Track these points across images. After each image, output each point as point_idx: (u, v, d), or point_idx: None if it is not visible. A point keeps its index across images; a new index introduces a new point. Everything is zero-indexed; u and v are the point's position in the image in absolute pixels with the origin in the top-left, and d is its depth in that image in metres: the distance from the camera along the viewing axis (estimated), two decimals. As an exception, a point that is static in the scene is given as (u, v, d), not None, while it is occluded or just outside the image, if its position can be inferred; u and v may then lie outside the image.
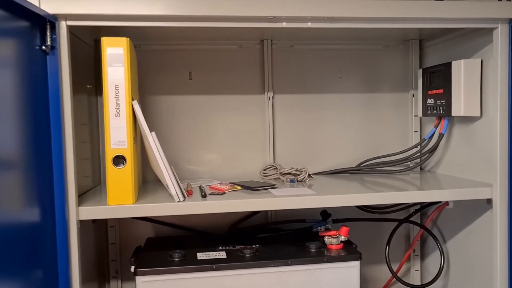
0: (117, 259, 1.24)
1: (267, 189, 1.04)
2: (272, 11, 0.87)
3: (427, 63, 1.29)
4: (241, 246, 1.07)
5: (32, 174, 0.77)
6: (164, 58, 1.24)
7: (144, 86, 1.23)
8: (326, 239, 1.06)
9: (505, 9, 0.93)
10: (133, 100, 0.90)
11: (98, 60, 1.21)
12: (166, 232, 1.25)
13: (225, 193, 1.00)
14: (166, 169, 0.89)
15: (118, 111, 0.88)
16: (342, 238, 1.05)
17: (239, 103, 1.27)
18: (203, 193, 0.96)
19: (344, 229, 1.05)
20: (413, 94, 1.32)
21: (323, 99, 1.30)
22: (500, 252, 0.98)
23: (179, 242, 1.14)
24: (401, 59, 1.33)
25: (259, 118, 1.28)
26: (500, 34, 0.95)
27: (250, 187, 1.04)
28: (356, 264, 1.00)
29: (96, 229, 1.15)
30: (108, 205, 0.88)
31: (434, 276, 1.21)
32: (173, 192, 0.90)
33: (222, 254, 1.02)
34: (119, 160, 0.89)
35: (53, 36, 0.83)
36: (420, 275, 1.35)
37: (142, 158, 1.20)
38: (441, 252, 1.19)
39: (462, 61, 1.05)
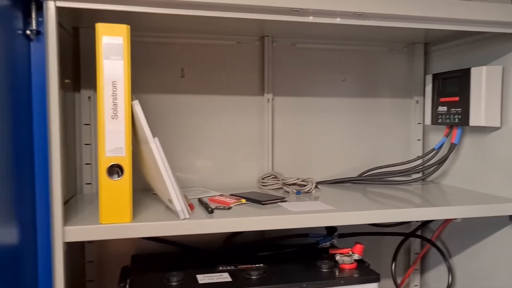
0: (95, 280, 1.08)
1: (276, 202, 0.93)
2: (300, 2, 0.76)
3: (433, 68, 1.23)
4: (244, 266, 0.96)
5: (10, 185, 0.62)
6: (153, 52, 1.10)
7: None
8: (338, 257, 0.96)
9: (537, 14, 0.88)
10: (133, 99, 0.76)
11: (77, 51, 1.05)
12: (151, 248, 1.11)
13: (231, 207, 0.88)
14: (171, 182, 0.76)
15: (115, 112, 0.74)
16: (356, 256, 0.96)
17: (236, 104, 1.15)
18: (209, 209, 0.83)
19: (358, 247, 0.96)
20: (417, 101, 1.26)
21: (325, 103, 1.21)
22: (524, 272, 0.92)
23: (170, 261, 1.00)
24: (405, 63, 1.26)
25: (257, 121, 1.16)
26: (531, 41, 0.90)
27: (257, 201, 0.92)
28: (374, 286, 0.91)
29: (71, 245, 0.99)
30: (101, 223, 0.74)
31: (438, 292, 1.16)
32: (178, 208, 0.77)
33: (225, 276, 0.90)
34: (113, 169, 0.75)
35: (39, 19, 0.68)
36: (420, 291, 1.29)
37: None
38: (449, 269, 1.13)
39: (484, 67, 0.98)
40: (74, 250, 1.02)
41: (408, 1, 0.82)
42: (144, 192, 1.07)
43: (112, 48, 0.73)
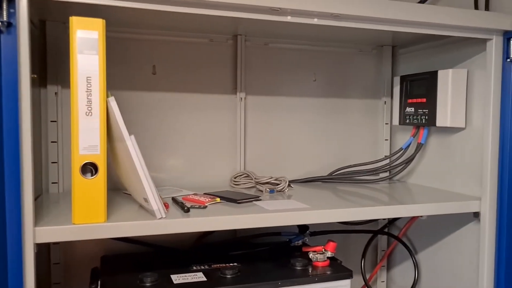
0: (61, 282, 1.04)
1: (251, 201, 0.93)
2: (279, 2, 0.76)
3: (400, 70, 1.27)
4: (218, 265, 0.95)
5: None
6: (124, 48, 1.07)
7: (100, 79, 1.06)
8: (311, 255, 0.97)
9: (500, 20, 0.92)
10: (108, 96, 0.74)
11: (43, 45, 1.01)
12: (120, 248, 1.08)
13: (206, 206, 0.88)
14: (148, 181, 0.75)
15: (90, 108, 0.72)
16: (329, 254, 0.97)
17: (208, 103, 1.14)
18: (185, 208, 0.82)
19: (331, 245, 0.98)
20: (385, 101, 1.29)
21: (296, 102, 1.22)
22: (487, 264, 0.96)
23: (141, 261, 0.98)
24: (374, 65, 1.29)
25: (229, 120, 1.16)
26: (494, 46, 0.94)
27: (232, 199, 0.92)
28: (347, 283, 0.93)
29: (36, 246, 0.95)
30: (74, 224, 0.72)
31: (404, 288, 1.19)
32: (155, 207, 0.76)
33: (200, 276, 0.89)
34: (86, 168, 0.73)
35: (11, 10, 0.65)
36: (386, 287, 1.33)
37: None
38: (415, 265, 1.17)
39: (450, 70, 1.02)
40: (40, 252, 0.98)
41: (384, 4, 0.84)
42: (114, 191, 1.04)
43: (87, 42, 0.71)
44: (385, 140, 1.30)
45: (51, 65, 1.02)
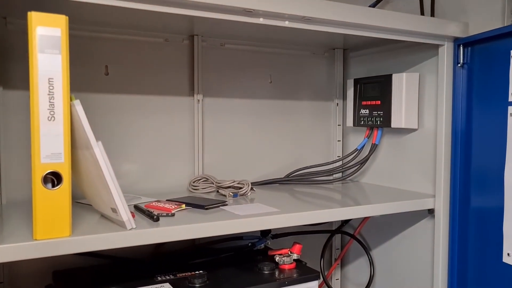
0: (7, 303, 0.95)
1: (218, 206, 0.90)
2: (252, 3, 0.75)
3: (351, 73, 1.30)
4: (183, 274, 0.92)
5: None
6: (74, 47, 0.99)
7: (47, 80, 0.97)
8: (278, 258, 0.97)
9: (452, 27, 0.97)
10: (71, 99, 0.68)
11: (-18, 42, 0.91)
12: (71, 262, 1.01)
13: (174, 214, 0.84)
14: (117, 190, 0.70)
15: (52, 113, 0.65)
16: (295, 256, 0.98)
17: (164, 105, 1.10)
18: (154, 217, 0.78)
19: (297, 247, 0.98)
20: (337, 103, 1.32)
21: (252, 104, 1.21)
22: (441, 259, 1.02)
23: (99, 275, 0.92)
24: (326, 68, 1.31)
25: (186, 123, 1.12)
26: (446, 51, 0.99)
27: (199, 205, 0.89)
28: (315, 284, 0.93)
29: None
30: (35, 239, 0.65)
31: (354, 285, 1.23)
32: (125, 218, 0.71)
33: (168, 287, 0.85)
34: (47, 178, 0.67)
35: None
36: (340, 284, 1.36)
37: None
38: (370, 261, 1.20)
39: (404, 74, 1.07)
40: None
41: (337, 7, 0.85)
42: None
43: (48, 40, 0.65)
44: (338, 141, 1.33)
45: (-10, 63, 0.92)
